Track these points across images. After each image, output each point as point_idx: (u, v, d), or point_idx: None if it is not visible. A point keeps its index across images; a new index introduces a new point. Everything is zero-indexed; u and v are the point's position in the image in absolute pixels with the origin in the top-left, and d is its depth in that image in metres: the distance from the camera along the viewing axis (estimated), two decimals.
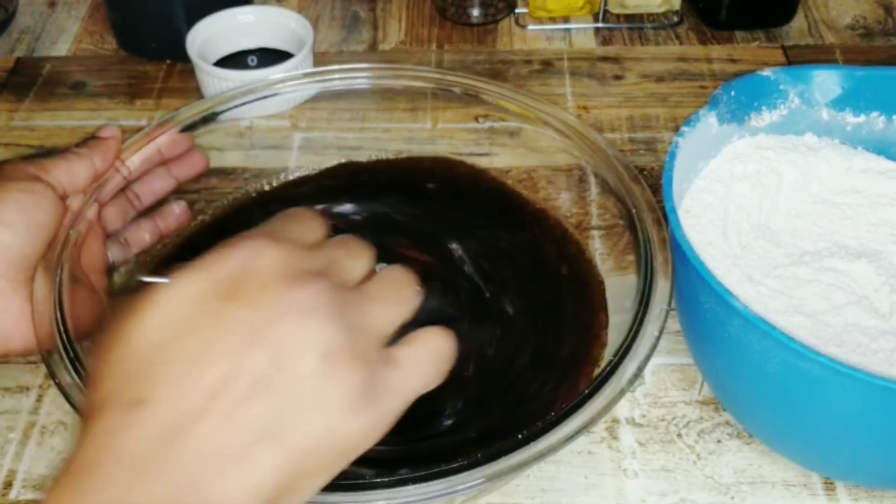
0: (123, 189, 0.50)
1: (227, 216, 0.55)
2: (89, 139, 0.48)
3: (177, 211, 0.53)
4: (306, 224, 0.34)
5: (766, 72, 0.51)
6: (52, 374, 0.39)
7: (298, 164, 0.59)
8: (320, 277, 0.31)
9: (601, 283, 0.51)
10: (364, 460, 0.40)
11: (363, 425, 0.30)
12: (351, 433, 0.29)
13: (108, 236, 0.49)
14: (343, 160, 0.58)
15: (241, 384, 0.28)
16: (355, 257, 0.34)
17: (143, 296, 0.30)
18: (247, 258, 0.30)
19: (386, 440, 0.41)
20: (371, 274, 0.34)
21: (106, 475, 0.27)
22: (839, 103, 0.52)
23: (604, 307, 0.49)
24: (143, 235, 0.51)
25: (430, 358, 0.32)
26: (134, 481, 0.27)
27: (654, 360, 0.46)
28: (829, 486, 0.46)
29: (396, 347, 0.32)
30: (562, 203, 0.55)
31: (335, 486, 0.36)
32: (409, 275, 0.34)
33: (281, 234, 0.32)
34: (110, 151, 0.48)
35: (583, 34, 0.77)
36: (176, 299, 0.29)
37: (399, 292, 0.33)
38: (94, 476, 0.27)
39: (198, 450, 0.27)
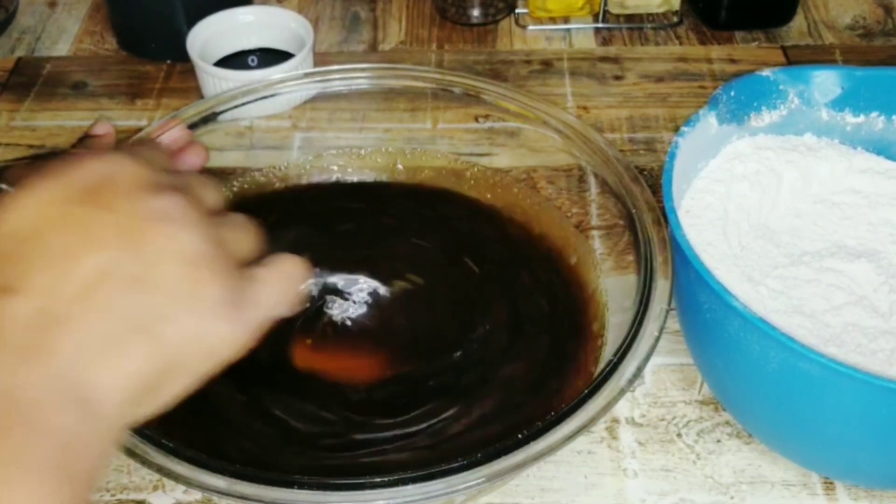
0: None
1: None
2: (84, 138, 0.48)
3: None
4: (157, 151, 0.36)
5: (766, 72, 0.51)
6: None
7: (298, 164, 0.59)
8: (179, 191, 0.32)
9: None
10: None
11: (230, 331, 0.31)
12: (218, 336, 0.31)
13: None
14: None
15: (112, 280, 0.29)
16: (207, 186, 0.35)
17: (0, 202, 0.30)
18: (104, 167, 0.31)
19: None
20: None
21: None
22: (839, 103, 0.52)
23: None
24: None
25: (284, 277, 0.34)
26: (14, 365, 0.27)
27: (653, 360, 0.46)
28: (828, 485, 0.46)
29: (252, 267, 0.34)
30: (562, 203, 0.56)
31: (335, 485, 0.36)
32: (250, 220, 0.36)
33: (135, 152, 0.33)
34: (107, 148, 0.48)
35: (583, 34, 0.77)
36: (32, 203, 0.30)
37: (247, 228, 0.35)
38: None
39: (74, 336, 0.28)
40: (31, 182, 0.30)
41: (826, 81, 0.52)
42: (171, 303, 0.30)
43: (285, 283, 0.34)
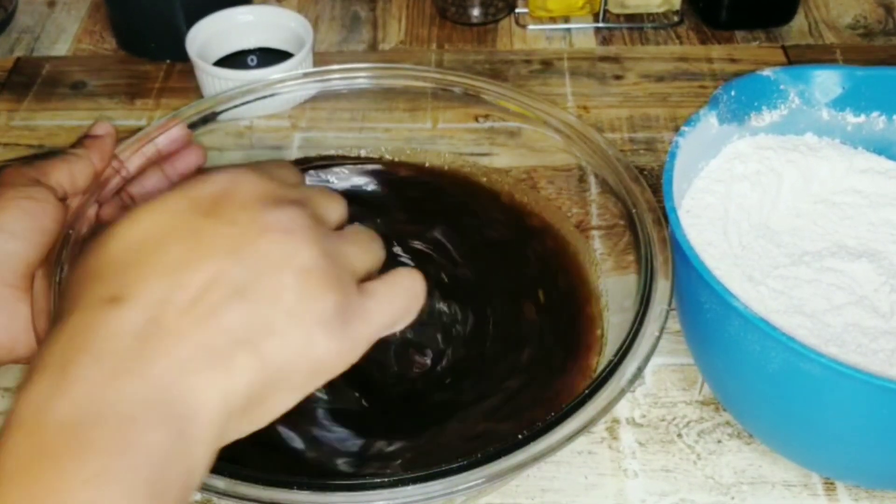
0: (120, 189, 0.49)
1: None
2: (84, 138, 0.48)
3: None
4: (287, 169, 0.36)
5: (767, 72, 0.51)
6: None
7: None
8: (299, 205, 0.32)
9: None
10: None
11: (337, 346, 0.30)
12: (324, 352, 0.30)
13: None
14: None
15: (220, 291, 0.29)
16: (332, 201, 0.35)
17: (123, 215, 0.31)
18: (227, 182, 0.31)
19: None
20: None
21: (81, 371, 0.27)
22: (839, 103, 0.52)
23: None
24: None
25: (401, 293, 0.34)
26: (110, 377, 0.27)
27: (654, 360, 0.46)
28: (829, 486, 0.46)
29: (369, 282, 0.33)
30: (562, 203, 0.55)
31: (335, 486, 0.36)
32: (375, 234, 0.36)
33: (261, 169, 0.34)
34: (107, 149, 0.48)
35: (583, 34, 0.77)
36: (154, 213, 0.30)
37: (369, 243, 0.35)
38: (69, 372, 0.27)
39: (175, 349, 0.28)
40: (156, 197, 0.31)
41: (827, 81, 0.52)
42: (278, 316, 0.29)
43: (401, 299, 0.33)
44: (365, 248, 0.34)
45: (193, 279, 0.29)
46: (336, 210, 0.35)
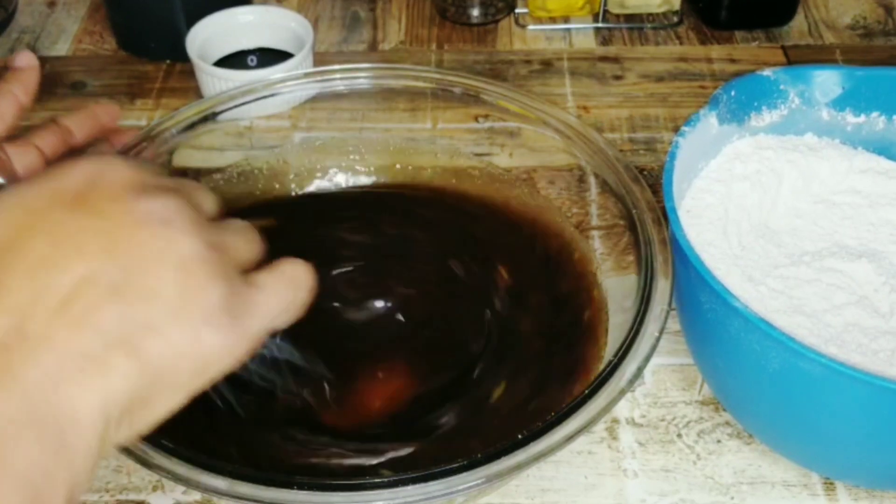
0: None
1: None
2: (4, 70, 0.43)
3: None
4: (150, 163, 0.34)
5: (767, 72, 0.51)
6: None
7: (298, 163, 0.59)
8: (172, 193, 0.30)
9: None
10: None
11: (224, 340, 0.29)
12: (211, 347, 0.28)
13: None
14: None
15: (94, 291, 0.27)
16: (203, 191, 0.33)
17: None
18: (91, 171, 0.29)
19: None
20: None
21: None
22: (839, 103, 0.52)
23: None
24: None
25: (288, 283, 0.32)
26: None
27: (654, 360, 0.46)
28: (829, 486, 0.46)
29: (254, 273, 0.31)
30: (562, 203, 0.55)
31: (335, 486, 0.36)
32: (252, 225, 0.34)
33: (128, 157, 0.32)
34: (32, 82, 0.43)
35: (583, 34, 0.77)
36: (12, 210, 0.28)
37: (249, 233, 0.33)
38: None
39: (45, 357, 0.26)
40: (16, 187, 0.28)
41: (827, 81, 0.52)
42: (159, 312, 0.27)
43: (289, 290, 0.32)
44: (246, 238, 0.32)
45: (62, 280, 0.26)
46: (209, 200, 0.32)
